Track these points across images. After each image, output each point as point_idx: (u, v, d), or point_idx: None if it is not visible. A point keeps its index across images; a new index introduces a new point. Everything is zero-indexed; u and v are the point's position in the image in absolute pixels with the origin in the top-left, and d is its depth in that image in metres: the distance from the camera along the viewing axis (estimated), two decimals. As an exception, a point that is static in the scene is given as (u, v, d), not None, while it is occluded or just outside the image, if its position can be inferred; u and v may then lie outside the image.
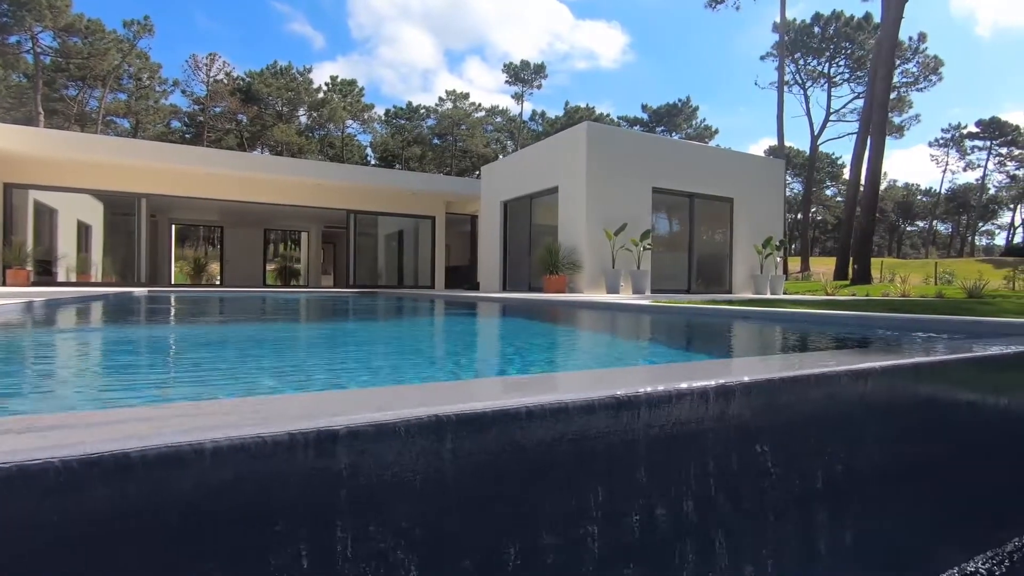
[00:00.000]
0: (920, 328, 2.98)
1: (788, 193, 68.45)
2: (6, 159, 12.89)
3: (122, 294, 9.08)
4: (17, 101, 40.25)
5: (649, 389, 0.92)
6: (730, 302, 5.93)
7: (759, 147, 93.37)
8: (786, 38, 40.23)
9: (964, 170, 65.21)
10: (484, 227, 15.60)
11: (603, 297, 8.45)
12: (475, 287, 16.49)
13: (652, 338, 3.66)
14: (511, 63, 57.92)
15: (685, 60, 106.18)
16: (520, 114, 59.41)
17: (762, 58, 42.93)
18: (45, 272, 15.15)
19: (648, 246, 11.83)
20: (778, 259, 14.12)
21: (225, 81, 47.96)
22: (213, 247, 39.91)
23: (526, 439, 0.81)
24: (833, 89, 43.53)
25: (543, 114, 58.98)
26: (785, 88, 43.16)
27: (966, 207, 68.26)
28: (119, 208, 16.46)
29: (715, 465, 1.00)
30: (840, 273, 23.74)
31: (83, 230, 17.23)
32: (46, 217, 15.65)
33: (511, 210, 14.59)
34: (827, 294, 13.66)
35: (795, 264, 38.57)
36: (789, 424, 1.13)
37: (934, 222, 73.36)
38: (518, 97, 58.91)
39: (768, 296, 11.69)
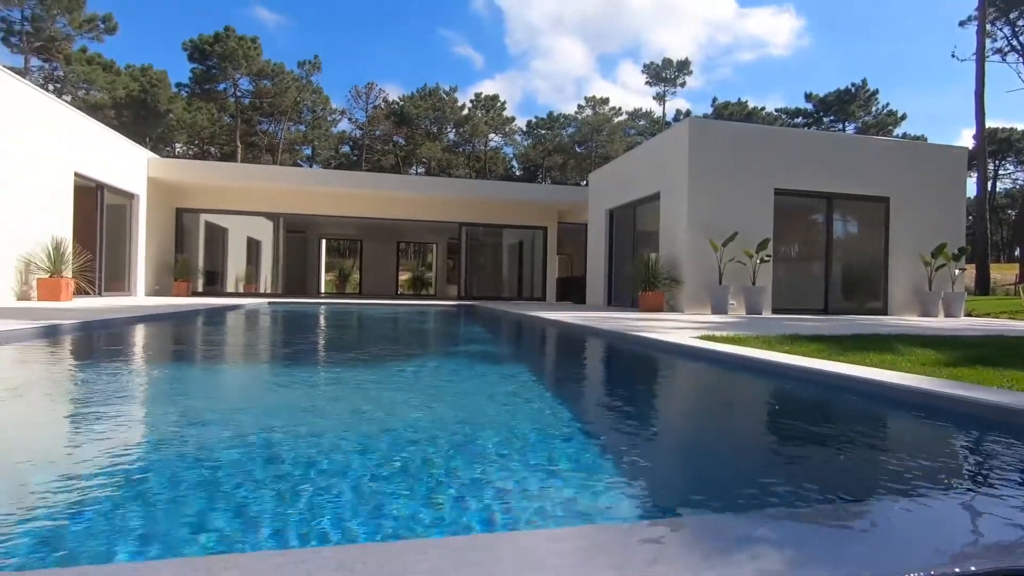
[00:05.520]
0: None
1: (1010, 185, 55.80)
2: (175, 188, 15.18)
3: (227, 307, 9.99)
4: (228, 138, 48.47)
5: None
6: (845, 344, 4.54)
7: (969, 133, 77.76)
8: (996, -4, 32.64)
9: None
10: (591, 237, 14.72)
11: (648, 329, 7.21)
12: (582, 300, 15.63)
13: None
14: (651, 63, 55.55)
15: (872, 37, 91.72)
16: (663, 115, 56.60)
17: (962, 24, 35.30)
18: (213, 283, 17.62)
19: (767, 258, 10.08)
20: (956, 271, 11.19)
21: (382, 106, 52.74)
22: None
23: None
24: (1069, 52, 34.28)
25: (687, 113, 55.48)
26: (999, 56, 35.09)
27: None
28: (289, 226, 18.65)
29: None
30: (1070, 287, 18.32)
31: (253, 246, 19.81)
32: (218, 236, 18.22)
33: (616, 219, 13.54)
34: (1030, 318, 10.42)
35: (1010, 273, 31.03)
36: None
37: None
38: (659, 98, 56.21)
39: (936, 321, 9.24)
